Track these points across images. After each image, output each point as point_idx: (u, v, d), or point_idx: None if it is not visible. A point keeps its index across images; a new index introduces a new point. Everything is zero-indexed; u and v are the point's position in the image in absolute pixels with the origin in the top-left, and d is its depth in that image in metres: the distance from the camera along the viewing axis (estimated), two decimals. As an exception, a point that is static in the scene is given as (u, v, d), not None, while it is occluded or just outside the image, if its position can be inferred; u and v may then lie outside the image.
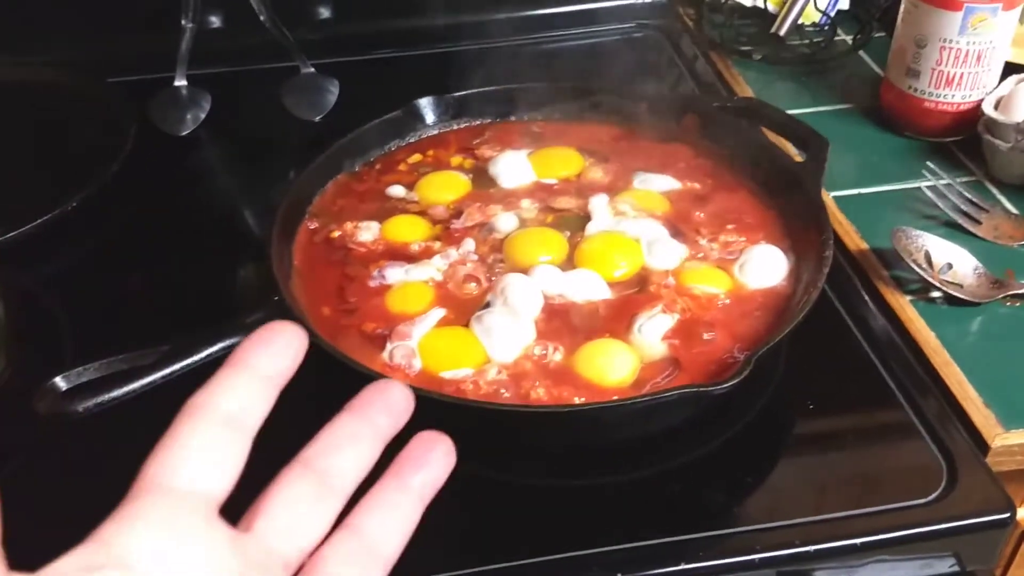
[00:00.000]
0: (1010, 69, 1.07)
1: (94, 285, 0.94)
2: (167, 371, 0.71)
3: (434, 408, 0.69)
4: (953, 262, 0.91)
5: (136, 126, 1.11)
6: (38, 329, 0.86)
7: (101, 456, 0.75)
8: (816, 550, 0.68)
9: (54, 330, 0.86)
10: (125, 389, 0.70)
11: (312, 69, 1.22)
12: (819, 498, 0.72)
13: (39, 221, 0.95)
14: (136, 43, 1.24)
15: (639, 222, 0.88)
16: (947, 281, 0.90)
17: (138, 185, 1.06)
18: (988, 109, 1.03)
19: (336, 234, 0.89)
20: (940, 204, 0.99)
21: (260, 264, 0.81)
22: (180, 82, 1.20)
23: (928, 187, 1.01)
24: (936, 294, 0.90)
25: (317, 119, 1.18)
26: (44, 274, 0.95)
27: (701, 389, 0.67)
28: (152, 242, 1.00)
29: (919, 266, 0.90)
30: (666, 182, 0.94)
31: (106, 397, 0.70)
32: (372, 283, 0.84)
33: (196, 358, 0.71)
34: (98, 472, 0.75)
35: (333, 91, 1.21)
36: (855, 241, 0.96)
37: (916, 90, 1.08)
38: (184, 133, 1.16)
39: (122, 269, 0.96)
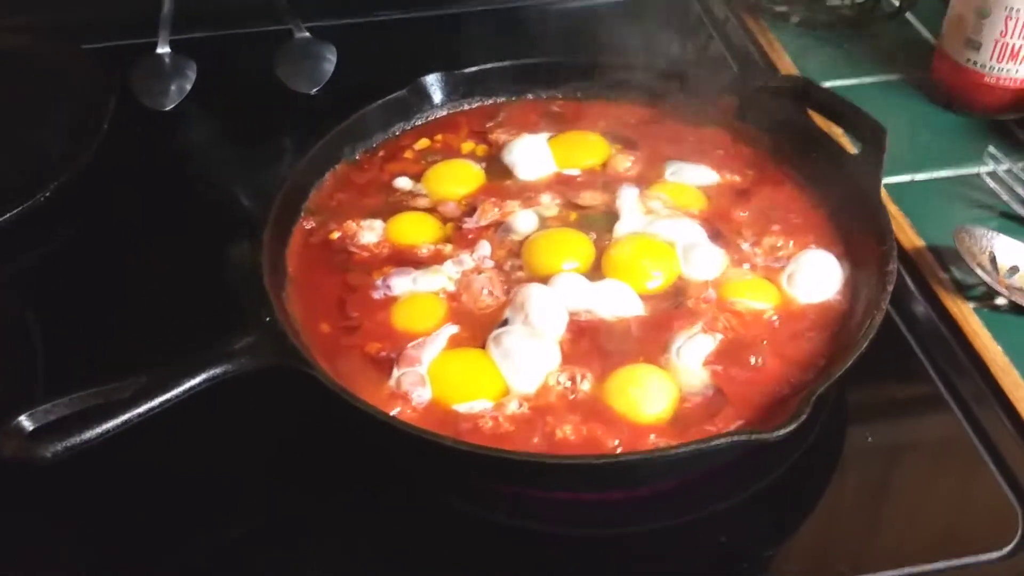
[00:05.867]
0: (1081, 39, 0.97)
1: (66, 293, 0.85)
2: (145, 408, 0.63)
3: (444, 453, 0.61)
4: (1021, 264, 0.82)
5: (115, 100, 1.01)
6: (2, 349, 0.78)
7: (71, 508, 0.68)
8: (877, 612, 0.61)
9: (22, 351, 0.77)
10: (98, 430, 0.62)
11: (307, 34, 1.12)
12: (878, 550, 0.65)
13: (5, 216, 0.86)
14: (114, 5, 1.13)
15: (673, 222, 0.79)
16: (1014, 287, 0.81)
17: (117, 171, 0.96)
18: (1058, 87, 0.93)
19: (336, 235, 0.80)
20: (1002, 194, 0.90)
21: (250, 274, 0.72)
22: (163, 49, 1.10)
23: (988, 173, 0.92)
24: (1001, 301, 0.81)
25: (313, 91, 1.07)
26: (9, 278, 0.86)
27: (754, 437, 0.59)
28: (133, 240, 0.90)
29: (983, 269, 0.81)
30: (702, 174, 0.85)
31: (77, 439, 0.61)
32: (376, 294, 0.75)
33: (177, 391, 0.63)
34: (67, 525, 0.68)
35: (330, 59, 1.10)
36: (910, 238, 0.87)
37: (975, 63, 0.97)
38: (168, 108, 1.06)
39: (98, 273, 0.87)
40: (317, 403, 0.67)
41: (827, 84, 1.05)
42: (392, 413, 0.66)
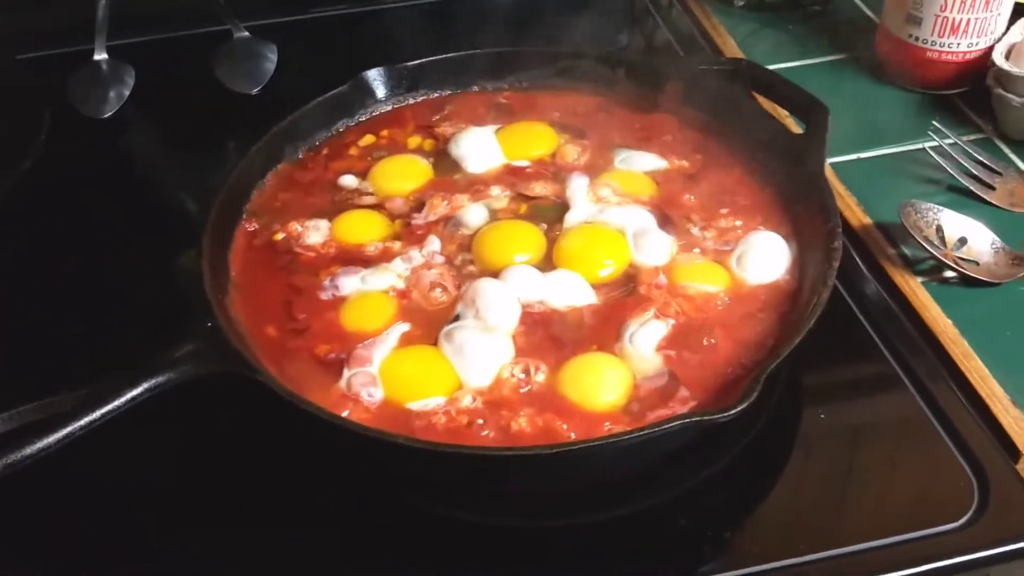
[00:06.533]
0: (1019, 11, 0.98)
1: (3, 306, 0.82)
2: (86, 420, 0.61)
3: (396, 452, 0.60)
4: (968, 236, 0.83)
5: (51, 110, 0.98)
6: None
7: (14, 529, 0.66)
8: (837, 590, 0.61)
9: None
10: (39, 445, 0.60)
11: (246, 33, 1.10)
12: (836, 526, 0.65)
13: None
14: (48, 12, 1.10)
15: (623, 210, 0.79)
16: (962, 259, 0.81)
17: (55, 181, 0.94)
18: (998, 59, 0.94)
19: (280, 236, 0.79)
20: (948, 168, 0.90)
21: (191, 279, 0.70)
22: (100, 56, 1.07)
23: (933, 148, 0.92)
24: (950, 274, 0.81)
25: (255, 91, 1.05)
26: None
27: (705, 418, 0.59)
28: (72, 250, 0.88)
29: (930, 243, 0.81)
30: (650, 160, 0.84)
31: (18, 456, 0.60)
32: (324, 295, 0.74)
33: (119, 402, 0.62)
34: (16, 539, 0.66)
35: (271, 58, 1.09)
36: (857, 215, 0.87)
37: (917, 39, 0.98)
38: (107, 115, 1.04)
39: (37, 285, 0.85)
40: (277, 408, 0.65)
41: (773, 67, 1.05)
42: (344, 414, 0.65)
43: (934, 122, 0.94)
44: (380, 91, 0.91)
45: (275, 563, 0.64)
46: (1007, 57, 0.94)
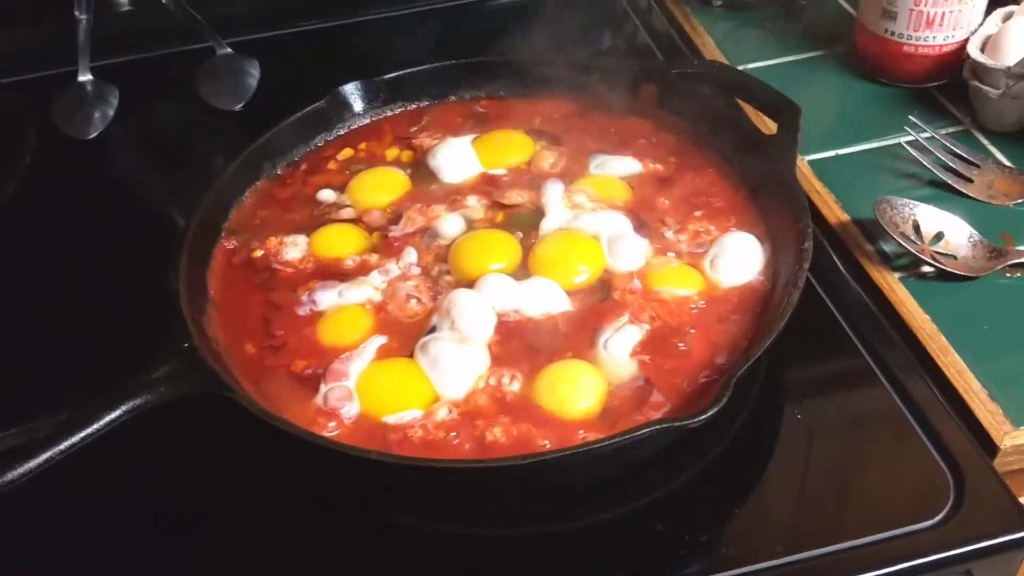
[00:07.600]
0: (994, 3, 0.98)
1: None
2: (66, 444, 0.62)
3: (371, 468, 0.61)
4: (944, 230, 0.83)
5: (36, 132, 0.99)
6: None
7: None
8: (816, 592, 0.61)
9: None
10: (20, 470, 0.61)
11: (229, 50, 1.11)
12: (814, 527, 0.65)
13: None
14: (30, 35, 1.12)
15: (598, 215, 0.79)
16: (939, 253, 0.81)
17: (40, 203, 0.95)
18: (974, 52, 0.94)
19: (258, 253, 0.79)
20: (925, 162, 0.90)
21: (170, 300, 0.71)
22: (84, 77, 1.08)
23: (909, 142, 0.92)
24: (927, 269, 0.81)
25: (238, 108, 1.06)
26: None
27: (675, 424, 0.59)
28: (57, 272, 0.89)
29: (907, 239, 0.81)
30: (626, 164, 0.85)
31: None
32: (301, 311, 0.74)
33: (97, 426, 0.62)
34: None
35: (254, 74, 1.09)
36: (835, 212, 0.87)
37: (893, 33, 0.98)
38: (92, 136, 1.04)
39: (22, 307, 0.85)
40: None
41: (752, 65, 1.06)
42: (321, 431, 0.65)
43: (911, 116, 0.94)
44: (357, 105, 0.92)
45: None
46: (982, 49, 0.94)
